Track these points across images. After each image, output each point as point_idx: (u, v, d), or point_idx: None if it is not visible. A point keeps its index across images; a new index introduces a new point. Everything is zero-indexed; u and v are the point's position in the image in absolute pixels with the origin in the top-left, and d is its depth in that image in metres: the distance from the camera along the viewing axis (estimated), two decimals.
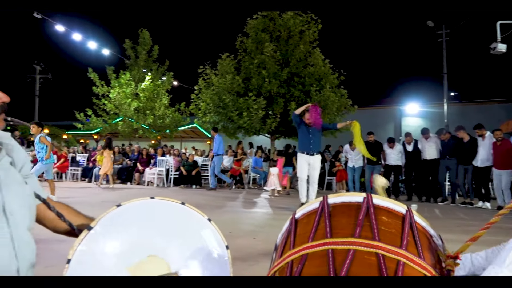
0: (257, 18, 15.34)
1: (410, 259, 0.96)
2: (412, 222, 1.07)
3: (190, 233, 1.46)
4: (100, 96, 19.48)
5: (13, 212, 1.19)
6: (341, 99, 14.93)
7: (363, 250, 0.97)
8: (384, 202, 1.12)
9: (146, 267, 1.33)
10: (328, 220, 1.09)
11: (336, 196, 1.18)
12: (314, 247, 1.03)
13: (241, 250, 3.65)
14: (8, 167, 1.26)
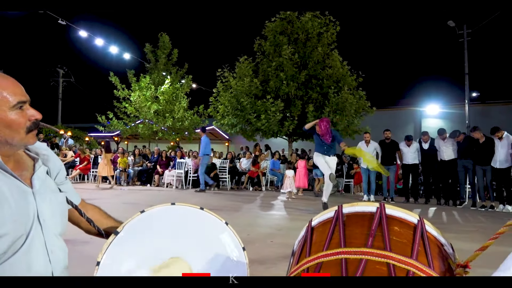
0: (275, 21, 15.43)
1: (420, 269, 1.02)
2: (424, 232, 1.13)
3: (209, 236, 1.55)
4: (121, 99, 19.91)
5: (46, 219, 1.29)
6: (360, 101, 14.88)
7: (374, 260, 1.03)
8: (397, 212, 1.17)
9: (168, 268, 1.43)
10: (342, 229, 1.16)
11: (351, 206, 1.24)
12: (329, 256, 1.10)
13: (258, 253, 3.74)
14: (44, 177, 1.37)
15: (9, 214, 1.16)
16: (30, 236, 1.21)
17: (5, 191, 1.17)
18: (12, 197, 1.19)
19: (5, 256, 1.15)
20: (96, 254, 1.39)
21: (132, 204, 7.56)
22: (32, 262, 1.23)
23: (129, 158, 14.97)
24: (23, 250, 1.19)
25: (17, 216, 1.19)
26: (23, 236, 1.20)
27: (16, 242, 1.18)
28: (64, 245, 1.40)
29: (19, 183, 1.24)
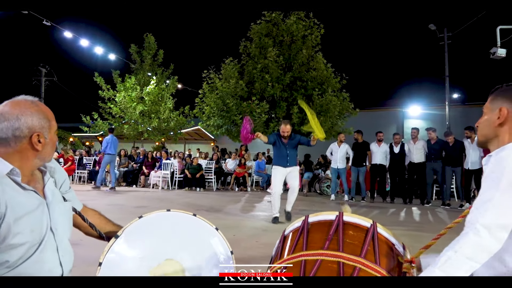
0: (260, 23, 15.60)
1: (366, 265, 1.22)
2: (375, 234, 1.33)
3: (201, 241, 1.72)
4: (106, 99, 19.85)
5: (57, 227, 1.45)
6: (343, 103, 15.17)
7: (328, 259, 1.24)
8: (353, 218, 1.39)
9: (164, 269, 1.59)
10: (306, 236, 1.37)
11: (315, 215, 1.45)
12: (292, 259, 1.32)
13: (244, 253, 3.90)
14: (53, 189, 1.52)
15: (28, 225, 1.31)
16: (43, 243, 1.37)
17: (25, 204, 1.32)
18: (30, 209, 1.34)
19: (19, 261, 1.30)
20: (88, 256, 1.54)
21: (118, 205, 7.63)
22: (44, 266, 1.38)
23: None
24: (36, 256, 1.34)
25: (34, 226, 1.34)
26: (37, 244, 1.35)
27: (31, 249, 1.33)
28: (71, 249, 1.55)
29: (36, 195, 1.39)
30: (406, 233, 5.27)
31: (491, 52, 12.70)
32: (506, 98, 1.45)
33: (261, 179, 14.19)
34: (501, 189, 1.22)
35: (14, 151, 1.36)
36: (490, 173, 1.30)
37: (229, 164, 14.34)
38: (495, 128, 1.46)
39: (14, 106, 1.37)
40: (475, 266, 1.19)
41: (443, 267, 1.18)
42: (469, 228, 1.23)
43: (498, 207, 1.21)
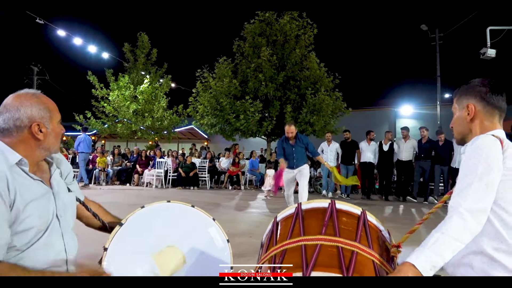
0: (254, 23, 15.67)
1: (362, 249, 1.33)
2: (365, 221, 1.44)
3: (199, 230, 1.82)
4: (99, 98, 19.80)
5: (62, 215, 1.54)
6: (336, 102, 15.30)
7: (327, 244, 1.34)
8: (344, 206, 1.49)
9: (166, 255, 1.69)
10: (301, 222, 1.46)
11: (308, 203, 1.55)
12: (291, 244, 1.41)
13: (239, 247, 4.01)
14: (59, 179, 1.61)
15: (36, 211, 1.41)
16: (49, 229, 1.46)
17: (33, 191, 1.42)
18: (37, 196, 1.43)
19: (27, 246, 1.39)
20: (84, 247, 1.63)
21: (111, 203, 7.69)
22: (50, 250, 1.47)
23: (108, 158, 14.99)
24: (43, 240, 1.43)
25: (41, 212, 1.43)
26: (43, 229, 1.44)
27: (38, 234, 1.42)
28: (75, 237, 1.64)
29: (42, 184, 1.48)
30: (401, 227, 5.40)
31: (481, 53, 12.90)
32: (470, 95, 1.59)
33: (255, 177, 14.29)
34: (478, 175, 1.35)
35: (17, 141, 1.44)
36: (467, 160, 1.42)
37: (223, 162, 14.43)
38: (467, 124, 1.59)
39: (16, 98, 1.46)
40: (460, 246, 1.31)
41: (432, 247, 1.29)
42: (453, 212, 1.35)
43: (477, 192, 1.34)
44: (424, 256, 1.28)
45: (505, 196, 1.38)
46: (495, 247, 1.38)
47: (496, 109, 1.55)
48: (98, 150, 15.08)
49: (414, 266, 1.26)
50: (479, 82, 1.59)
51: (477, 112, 1.56)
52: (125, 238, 1.66)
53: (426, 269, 1.26)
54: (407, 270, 1.26)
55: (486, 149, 1.39)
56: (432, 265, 1.27)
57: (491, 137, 1.44)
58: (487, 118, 1.55)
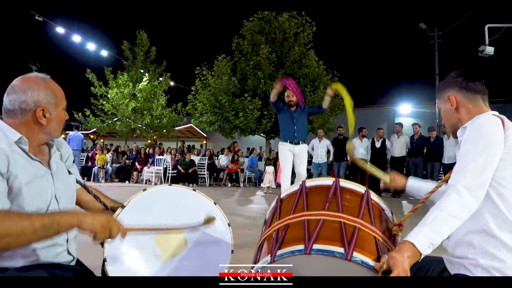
0: (253, 21, 15.69)
1: (364, 226, 1.34)
2: (369, 199, 1.46)
3: (201, 213, 1.84)
4: (98, 96, 19.76)
5: (61, 196, 1.56)
6: (335, 100, 15.32)
7: (330, 219, 1.35)
8: (349, 184, 1.51)
9: (168, 238, 1.71)
10: (305, 198, 1.47)
11: (312, 181, 1.56)
12: (294, 218, 1.41)
13: (238, 239, 4.00)
14: (58, 161, 1.62)
15: (35, 189, 1.42)
16: (49, 209, 1.47)
17: (32, 170, 1.43)
18: (37, 177, 1.44)
19: None
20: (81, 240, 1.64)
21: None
22: None
23: (107, 155, 14.99)
24: None
25: (41, 191, 1.45)
26: (43, 209, 1.45)
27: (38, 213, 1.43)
28: None
29: (41, 165, 1.49)
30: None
31: (480, 50, 12.93)
32: (448, 87, 1.65)
33: (254, 175, 14.31)
34: (478, 152, 1.36)
35: (20, 123, 1.45)
36: (467, 139, 1.43)
37: (222, 160, 14.44)
38: (454, 115, 1.63)
39: (24, 81, 1.47)
40: (457, 223, 1.32)
41: (431, 225, 1.30)
42: (451, 189, 1.36)
43: (476, 169, 1.35)
44: (423, 234, 1.30)
45: (505, 174, 1.39)
46: (496, 225, 1.40)
47: (476, 93, 1.59)
48: (97, 148, 15.08)
49: (413, 245, 1.28)
50: (454, 74, 1.65)
51: (459, 101, 1.60)
52: (127, 220, 1.67)
53: (425, 247, 1.28)
54: (406, 249, 1.27)
55: (486, 127, 1.40)
56: (430, 243, 1.29)
57: (491, 116, 1.46)
58: (471, 103, 1.59)
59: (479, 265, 1.42)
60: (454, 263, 1.53)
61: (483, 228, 1.42)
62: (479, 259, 1.42)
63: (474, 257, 1.43)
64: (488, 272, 1.40)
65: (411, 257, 1.26)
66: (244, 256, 3.36)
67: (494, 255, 1.39)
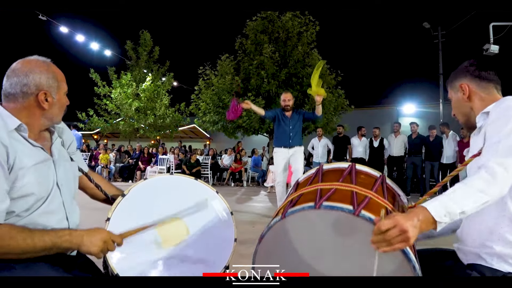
0: (256, 20, 15.65)
1: (376, 196, 1.32)
2: (383, 181, 1.44)
3: (203, 202, 1.80)
4: (101, 96, 19.79)
5: (63, 184, 1.52)
6: (338, 99, 15.28)
7: (342, 188, 1.34)
8: (365, 168, 1.51)
9: (169, 226, 1.67)
10: (321, 176, 1.48)
11: (329, 165, 1.59)
12: (308, 188, 1.41)
13: (241, 235, 3.97)
14: (60, 148, 1.59)
15: (36, 178, 1.39)
16: (50, 197, 1.44)
17: (32, 158, 1.39)
18: (38, 164, 1.41)
19: (27, 212, 1.37)
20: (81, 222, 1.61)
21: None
22: (51, 218, 1.45)
23: (111, 154, 15.00)
24: (44, 208, 1.41)
25: (41, 179, 1.41)
26: (44, 197, 1.42)
27: (38, 202, 1.40)
28: (77, 206, 1.62)
29: (43, 151, 1.46)
30: None
31: (484, 49, 12.84)
32: (460, 76, 1.60)
33: (257, 174, 14.28)
34: (508, 132, 1.27)
35: (22, 107, 1.42)
36: (496, 120, 1.35)
37: (225, 159, 14.42)
38: (466, 104, 1.57)
39: (25, 63, 1.44)
40: (484, 198, 1.18)
41: (451, 195, 1.19)
42: (482, 168, 1.25)
43: (507, 148, 1.25)
44: (439, 201, 1.18)
45: None
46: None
47: (490, 82, 1.54)
48: (100, 147, 15.09)
49: (427, 210, 1.16)
50: (466, 63, 1.61)
51: (472, 89, 1.55)
52: (128, 209, 1.64)
53: (440, 214, 1.15)
54: (418, 212, 1.15)
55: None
56: (447, 211, 1.15)
57: None
58: (484, 92, 1.54)
59: (495, 254, 1.35)
60: (467, 252, 1.45)
61: (503, 213, 1.34)
62: (495, 247, 1.34)
63: (491, 245, 1.35)
64: (505, 261, 1.33)
65: (424, 221, 1.14)
66: (247, 252, 3.33)
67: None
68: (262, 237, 1.37)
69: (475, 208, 1.18)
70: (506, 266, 1.33)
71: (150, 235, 1.62)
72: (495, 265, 1.34)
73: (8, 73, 1.43)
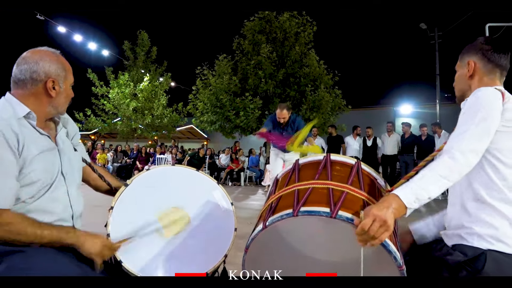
0: (253, 20, 15.69)
1: (352, 190, 1.36)
2: (359, 169, 1.48)
3: (204, 192, 1.85)
4: (99, 96, 19.78)
5: (67, 173, 1.57)
6: (336, 100, 15.33)
7: (318, 187, 1.38)
8: (339, 157, 1.55)
9: (171, 216, 1.72)
10: (297, 173, 1.51)
11: (305, 158, 1.61)
12: (286, 190, 1.45)
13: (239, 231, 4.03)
14: (64, 138, 1.63)
15: (42, 165, 1.43)
16: (54, 184, 1.48)
17: (39, 145, 1.44)
18: (44, 152, 1.45)
19: (32, 199, 1.42)
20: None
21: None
22: (55, 205, 1.50)
23: (108, 154, 15.01)
24: (48, 195, 1.46)
25: (47, 166, 1.46)
26: (49, 184, 1.46)
27: (43, 188, 1.44)
28: (81, 195, 1.66)
29: (49, 140, 1.50)
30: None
31: None
32: (471, 52, 1.63)
33: (255, 174, 14.32)
34: (476, 122, 1.37)
35: (30, 93, 1.47)
36: (467, 109, 1.44)
37: (223, 159, 14.45)
38: (467, 81, 1.64)
39: (36, 52, 1.50)
40: (446, 183, 1.31)
41: (418, 182, 1.30)
42: (445, 153, 1.37)
43: (473, 136, 1.36)
44: (410, 188, 1.29)
45: (500, 146, 1.41)
46: (489, 195, 1.43)
47: (497, 67, 1.58)
48: (98, 147, 15.09)
49: (398, 197, 1.26)
50: (483, 40, 1.62)
51: (477, 69, 1.60)
52: (131, 198, 1.69)
53: (410, 200, 1.26)
54: (391, 200, 1.25)
55: (486, 99, 1.41)
56: (416, 197, 1.27)
57: (492, 89, 1.46)
58: (487, 75, 1.58)
59: (475, 233, 1.45)
60: (450, 235, 1.55)
61: (477, 197, 1.45)
62: (474, 227, 1.45)
63: (469, 226, 1.46)
64: (484, 239, 1.43)
65: (397, 209, 1.24)
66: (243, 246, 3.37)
67: (489, 223, 1.42)
68: (247, 248, 1.42)
69: (440, 192, 1.31)
70: (485, 244, 1.42)
71: (152, 224, 1.66)
72: (475, 244, 1.44)
73: (19, 60, 1.48)
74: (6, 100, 1.44)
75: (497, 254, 1.40)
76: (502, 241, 1.41)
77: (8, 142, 1.31)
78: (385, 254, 1.25)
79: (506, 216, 1.42)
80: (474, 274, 1.39)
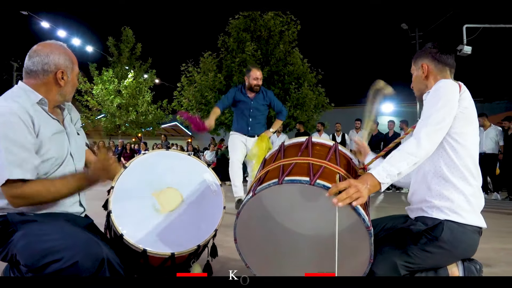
0: (238, 18, 15.84)
1: (329, 165, 1.59)
2: (336, 149, 1.70)
3: (196, 174, 2.04)
4: (82, 92, 19.68)
5: (75, 153, 1.75)
6: (319, 97, 15.62)
7: (300, 162, 1.59)
8: (320, 140, 1.78)
9: (166, 194, 1.90)
10: (283, 152, 1.73)
11: (290, 140, 1.84)
12: (273, 166, 1.66)
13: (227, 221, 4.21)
14: (69, 123, 1.81)
15: (55, 143, 1.62)
16: (64, 163, 1.67)
17: (53, 128, 1.62)
18: (56, 134, 1.63)
19: (46, 175, 1.61)
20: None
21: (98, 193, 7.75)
22: None
23: None
24: (59, 171, 1.64)
25: (59, 145, 1.64)
26: (60, 162, 1.64)
27: (55, 166, 1.63)
28: None
29: (59, 124, 1.69)
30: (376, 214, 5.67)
31: (458, 50, 13.34)
32: (423, 56, 1.91)
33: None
34: (437, 108, 1.62)
35: (41, 83, 1.64)
36: (430, 99, 1.69)
37: (207, 155, 14.59)
38: (423, 81, 1.91)
39: (46, 45, 1.67)
40: (414, 160, 1.53)
41: (389, 160, 1.53)
42: (412, 136, 1.61)
43: (435, 120, 1.60)
44: (381, 167, 1.51)
45: (458, 130, 1.66)
46: (449, 172, 1.68)
47: (446, 65, 1.86)
48: None
49: (372, 175, 1.49)
50: (430, 45, 1.91)
51: (430, 69, 1.87)
52: (130, 179, 1.86)
53: (382, 176, 1.49)
54: (366, 178, 1.49)
55: (445, 89, 1.66)
56: (387, 173, 1.49)
57: (450, 81, 1.73)
58: (439, 74, 1.86)
59: (434, 206, 1.69)
60: (413, 209, 1.81)
61: (439, 174, 1.70)
62: (433, 201, 1.69)
63: (430, 200, 1.71)
64: (442, 211, 1.67)
65: (372, 185, 1.47)
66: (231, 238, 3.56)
67: (447, 197, 1.67)
68: (238, 213, 1.61)
69: (408, 168, 1.53)
70: (442, 215, 1.68)
71: (149, 202, 1.84)
72: (434, 215, 1.69)
73: (30, 53, 1.65)
74: (20, 88, 1.61)
75: (452, 223, 1.65)
76: (457, 213, 1.66)
77: (26, 124, 1.48)
78: (355, 219, 1.45)
79: (462, 191, 1.67)
80: (433, 240, 1.63)
